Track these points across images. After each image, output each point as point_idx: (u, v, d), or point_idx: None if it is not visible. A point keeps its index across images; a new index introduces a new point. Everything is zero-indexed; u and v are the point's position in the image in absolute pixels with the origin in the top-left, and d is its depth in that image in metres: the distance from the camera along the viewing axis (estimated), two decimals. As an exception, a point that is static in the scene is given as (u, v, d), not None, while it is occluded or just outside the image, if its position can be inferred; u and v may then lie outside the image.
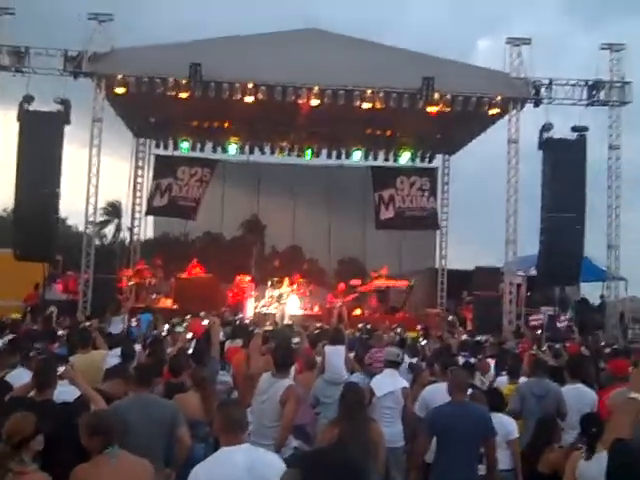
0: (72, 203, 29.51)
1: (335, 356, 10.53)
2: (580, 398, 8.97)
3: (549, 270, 23.88)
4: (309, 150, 30.56)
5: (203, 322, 14.25)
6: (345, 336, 11.92)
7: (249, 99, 23.23)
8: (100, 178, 23.59)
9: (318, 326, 16.68)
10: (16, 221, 23.32)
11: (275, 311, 25.23)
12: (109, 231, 50.28)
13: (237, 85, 23.03)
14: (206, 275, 27.02)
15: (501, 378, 10.82)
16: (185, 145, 29.86)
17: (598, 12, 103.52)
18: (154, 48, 23.70)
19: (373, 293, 26.87)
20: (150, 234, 33.50)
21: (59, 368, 6.78)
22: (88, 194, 23.47)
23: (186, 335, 11.73)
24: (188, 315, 16.66)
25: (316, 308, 26.78)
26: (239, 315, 23.55)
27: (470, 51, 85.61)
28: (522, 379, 10.20)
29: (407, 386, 9.36)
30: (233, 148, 30.40)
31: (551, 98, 24.25)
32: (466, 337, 17.28)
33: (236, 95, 23.11)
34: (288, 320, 21.69)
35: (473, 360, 11.80)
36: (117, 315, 18.44)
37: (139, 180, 30.96)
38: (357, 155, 30.55)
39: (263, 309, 24.65)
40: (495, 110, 24.09)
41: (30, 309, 21.31)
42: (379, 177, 31.10)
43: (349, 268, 32.18)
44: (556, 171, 23.59)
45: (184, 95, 23.14)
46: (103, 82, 23.17)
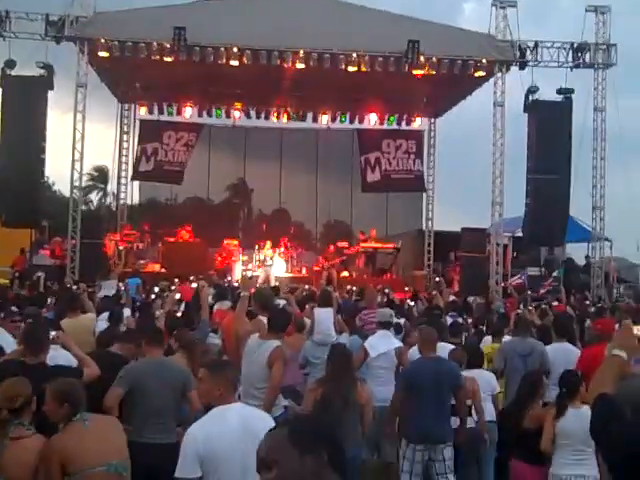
0: (58, 169, 29.46)
1: (324, 318, 10.62)
2: (565, 356, 9.10)
3: (534, 231, 24.02)
4: (295, 114, 30.50)
5: (192, 286, 14.28)
6: (334, 298, 11.98)
7: (234, 63, 23.04)
8: (85, 144, 23.46)
9: (307, 288, 16.74)
10: (1, 188, 23.14)
11: (260, 274, 25.29)
12: (95, 197, 50.27)
13: (222, 49, 22.81)
14: (194, 239, 27.06)
15: (486, 337, 10.95)
16: (171, 109, 29.74)
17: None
18: (137, 12, 23.40)
19: (361, 255, 26.93)
20: (136, 199, 33.47)
21: (51, 332, 6.82)
22: (73, 159, 23.30)
23: (175, 297, 11.76)
24: (176, 279, 16.67)
25: (303, 270, 26.88)
26: (227, 279, 23.62)
27: (456, 14, 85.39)
28: (507, 338, 10.33)
29: (400, 345, 9.46)
30: (219, 112, 30.29)
31: (537, 61, 24.14)
32: (454, 298, 17.41)
33: (221, 59, 22.89)
34: (274, 283, 21.73)
35: (461, 320, 11.92)
36: (106, 280, 18.45)
37: (124, 145, 30.79)
38: (343, 118, 30.53)
39: (249, 272, 24.68)
40: (481, 73, 23.99)
41: (18, 275, 21.29)
42: (365, 140, 31.03)
43: (335, 231, 32.30)
44: (542, 133, 23.62)
45: (168, 59, 22.90)
46: (86, 47, 22.86)
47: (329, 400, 6.91)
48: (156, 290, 15.48)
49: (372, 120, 30.64)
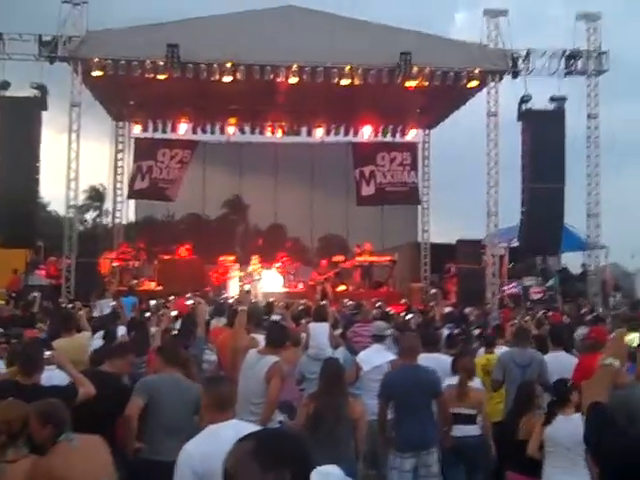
0: (53, 189, 29.49)
1: (319, 333, 10.62)
2: (561, 365, 9.09)
3: (530, 241, 24.06)
4: (289, 128, 30.59)
5: (187, 302, 14.26)
6: (329, 312, 11.97)
7: (227, 79, 23.13)
8: (80, 163, 23.54)
9: (302, 303, 16.73)
10: (-4, 209, 23.10)
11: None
12: (90, 216, 50.24)
13: (215, 65, 22.90)
14: (189, 256, 27.04)
15: (480, 349, 10.92)
16: (165, 127, 29.80)
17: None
18: (130, 30, 23.48)
19: (357, 269, 26.92)
20: (132, 217, 33.46)
21: (45, 352, 6.79)
22: (68, 178, 23.37)
23: (171, 314, 11.74)
24: (172, 297, 16.65)
25: (300, 286, 26.84)
26: (223, 295, 23.61)
27: (447, 24, 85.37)
28: (502, 348, 10.30)
29: (394, 358, 9.41)
30: (213, 129, 30.33)
31: (529, 69, 24.26)
32: (450, 309, 17.40)
33: (214, 75, 22.99)
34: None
35: (457, 331, 11.90)
36: (102, 299, 18.42)
37: (119, 164, 30.83)
38: (337, 132, 30.64)
39: (247, 286, 24.66)
40: (473, 83, 24.08)
41: (15, 295, 21.23)
42: (360, 153, 31.09)
43: (331, 245, 32.20)
44: (535, 142, 23.71)
45: (162, 77, 23.00)
46: (79, 66, 22.93)
47: (321, 415, 6.90)
48: (151, 305, 15.46)
49: (366, 133, 30.74)
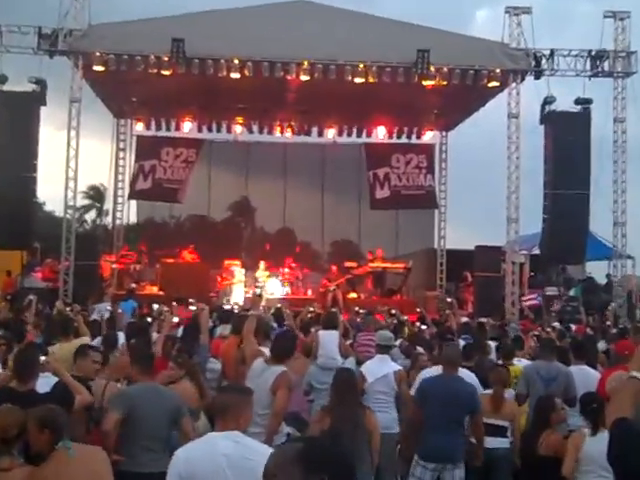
0: (51, 188, 29.53)
1: (328, 341, 10.61)
2: (585, 379, 9.08)
3: (553, 249, 23.96)
4: (299, 128, 30.64)
5: (190, 308, 14.29)
6: (339, 320, 11.97)
7: (235, 75, 23.12)
8: (80, 161, 23.57)
9: (311, 310, 16.74)
10: (-9, 207, 23.16)
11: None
12: (90, 217, 50.46)
13: (222, 61, 22.88)
14: (193, 260, 27.11)
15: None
16: (169, 125, 29.89)
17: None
18: (133, 24, 23.57)
19: (369, 276, 26.91)
20: (134, 219, 33.56)
21: (41, 358, 6.83)
22: (67, 178, 23.42)
23: (172, 320, 11.76)
24: (174, 302, 16.69)
25: (309, 292, 26.89)
26: (228, 301, 23.69)
27: (468, 21, 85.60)
28: (521, 361, 10.31)
29: (400, 369, 9.46)
30: (220, 127, 30.40)
31: (553, 69, 24.14)
32: (467, 319, 17.39)
33: (221, 72, 22.96)
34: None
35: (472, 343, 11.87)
36: (100, 303, 18.46)
37: (121, 163, 30.91)
38: (350, 132, 30.67)
39: (258, 290, 24.67)
40: (494, 83, 24.01)
41: (10, 298, 21.26)
42: (373, 155, 31.06)
43: (343, 250, 32.26)
44: (559, 146, 23.63)
45: (166, 72, 22.99)
46: (80, 60, 22.97)
47: (338, 429, 6.86)
48: (155, 307, 15.54)
49: (380, 134, 30.71)
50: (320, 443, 2.73)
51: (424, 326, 15.13)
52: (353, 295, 26.28)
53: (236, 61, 22.96)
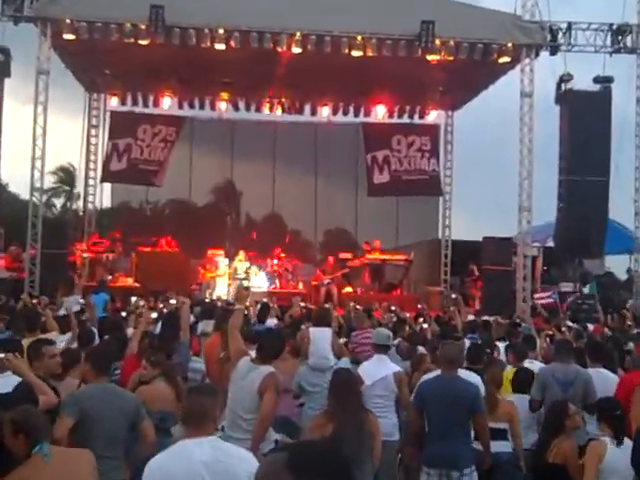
0: (15, 169, 29.41)
1: (321, 339, 10.59)
2: (603, 383, 9.07)
3: (568, 241, 23.98)
4: (290, 105, 30.59)
5: (170, 302, 14.30)
6: (332, 317, 11.98)
7: (220, 47, 23.01)
8: (48, 139, 23.46)
9: (303, 306, 16.75)
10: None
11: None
12: (59, 201, 50.32)
13: (206, 31, 22.75)
14: (172, 249, 27.10)
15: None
16: (146, 100, 29.83)
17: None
18: (109, -13, 23.47)
19: (366, 268, 26.93)
20: (107, 203, 33.49)
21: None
22: (33, 157, 23.27)
23: (150, 315, 11.77)
24: (152, 295, 16.72)
25: (300, 286, 26.91)
26: (210, 294, 23.72)
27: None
28: (533, 363, 10.33)
29: (400, 370, 9.50)
30: (203, 103, 30.34)
31: (570, 45, 24.10)
32: (473, 317, 17.41)
33: (205, 42, 22.81)
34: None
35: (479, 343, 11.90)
36: (69, 295, 18.43)
37: (93, 141, 30.90)
38: (345, 111, 30.66)
39: (245, 282, 24.67)
40: (505, 59, 23.97)
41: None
42: (372, 136, 31.02)
43: (337, 240, 32.29)
44: (576, 128, 23.61)
45: (144, 42, 22.87)
46: (48, 28, 22.81)
47: (342, 436, 6.84)
48: (130, 303, 15.54)
49: (380, 113, 30.72)
50: (312, 449, 2.71)
51: (425, 324, 15.16)
52: (348, 290, 26.34)
53: (221, 31, 22.86)
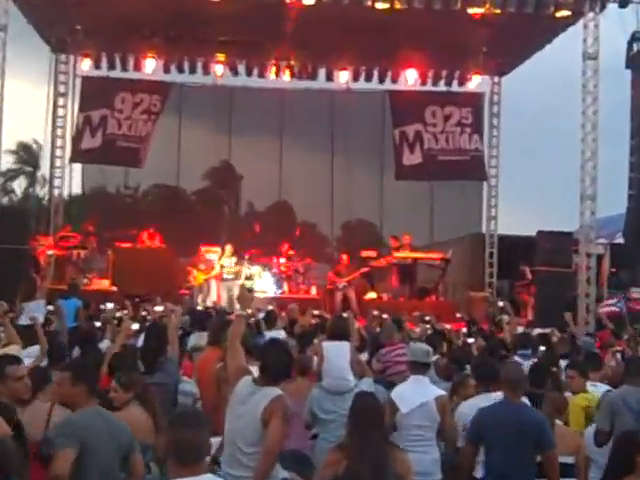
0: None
1: (337, 355, 10.56)
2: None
3: (640, 236, 23.97)
4: (301, 69, 30.55)
5: (156, 309, 14.37)
6: (352, 328, 12.00)
7: (214, -3, 23.16)
8: (5, 109, 23.57)
9: (316, 314, 16.79)
10: None
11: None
12: (19, 185, 50.42)
13: (198, -25, 22.93)
14: (157, 245, 27.11)
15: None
16: (126, 62, 29.88)
17: None
18: None
19: (393, 269, 26.92)
20: (78, 188, 33.53)
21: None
22: (-12, 132, 23.45)
23: (130, 327, 11.83)
24: (133, 300, 16.82)
25: (313, 291, 26.90)
26: (204, 300, 23.81)
27: None
28: (598, 386, 10.33)
29: (444, 394, 9.43)
30: (194, 66, 30.34)
31: (645, -6, 24.16)
32: (525, 329, 17.40)
33: (196, -8, 22.99)
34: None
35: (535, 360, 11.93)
36: (32, 300, 18.51)
37: (61, 113, 30.95)
38: (368, 76, 30.65)
39: (248, 282, 24.72)
40: (564, 12, 23.94)
41: None
42: (401, 107, 31.01)
43: (359, 235, 32.32)
44: (652, 97, 23.62)
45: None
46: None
47: (357, 475, 6.87)
48: (105, 310, 15.61)
49: (410, 79, 30.64)
50: None
51: (471, 338, 15.15)
52: (371, 295, 26.34)
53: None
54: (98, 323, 14.19)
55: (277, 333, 14.01)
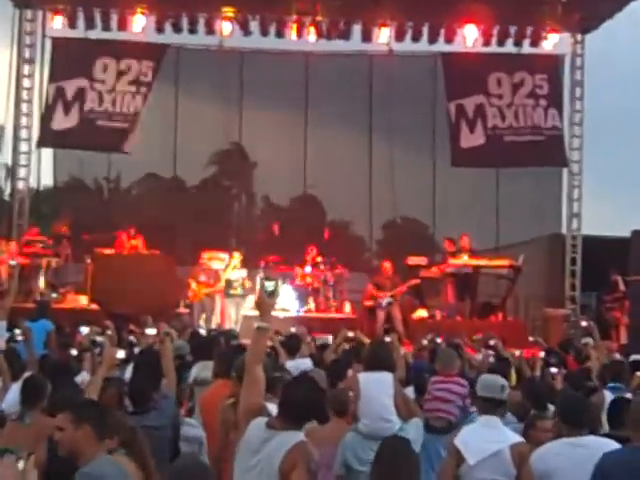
0: None
1: (377, 390, 10.59)
2: None
3: None
4: (330, 27, 30.54)
5: (147, 332, 14.43)
6: (397, 355, 12.01)
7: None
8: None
9: (350, 337, 16.82)
10: None
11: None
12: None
13: None
14: (148, 252, 27.15)
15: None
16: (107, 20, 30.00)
17: None
18: None
19: (449, 280, 26.91)
20: (48, 180, 33.68)
21: None
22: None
23: (115, 354, 11.88)
24: (117, 321, 16.87)
25: (347, 307, 26.87)
26: (207, 320, 23.93)
27: None
28: None
29: (521, 441, 9.26)
30: (194, 24, 30.36)
31: None
32: (618, 356, 17.35)
33: None
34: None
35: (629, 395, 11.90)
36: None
37: (26, 84, 31.08)
38: (415, 35, 30.62)
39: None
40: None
41: None
42: (457, 74, 31.02)
43: (405, 237, 32.31)
44: None
45: None
46: None
47: None
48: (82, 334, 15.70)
49: (469, 38, 30.55)
50: None
51: (554, 368, 15.09)
52: (422, 313, 26.34)
53: None
54: (74, 351, 14.26)
55: (302, 362, 14.01)
